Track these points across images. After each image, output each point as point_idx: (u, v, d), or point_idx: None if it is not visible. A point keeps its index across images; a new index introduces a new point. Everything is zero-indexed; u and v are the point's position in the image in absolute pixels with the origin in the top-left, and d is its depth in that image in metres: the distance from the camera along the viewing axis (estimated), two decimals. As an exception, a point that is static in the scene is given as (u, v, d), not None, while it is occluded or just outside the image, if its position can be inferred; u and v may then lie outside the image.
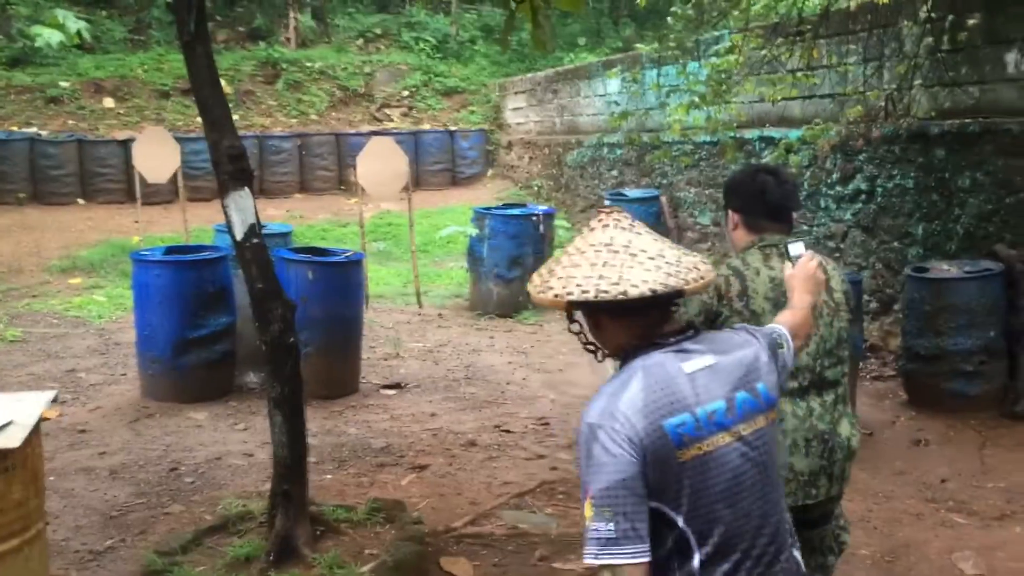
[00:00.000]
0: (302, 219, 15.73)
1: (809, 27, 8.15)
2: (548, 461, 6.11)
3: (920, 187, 7.96)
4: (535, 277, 2.13)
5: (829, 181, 8.94)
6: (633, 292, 1.97)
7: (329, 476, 5.77)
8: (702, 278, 2.04)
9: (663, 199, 12.17)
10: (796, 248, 3.00)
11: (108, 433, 6.55)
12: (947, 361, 6.83)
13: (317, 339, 7.14)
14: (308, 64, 20.24)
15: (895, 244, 8.23)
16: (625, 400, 1.97)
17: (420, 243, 12.89)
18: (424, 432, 6.69)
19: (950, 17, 7.54)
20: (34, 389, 7.02)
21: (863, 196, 8.57)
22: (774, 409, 2.15)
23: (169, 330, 7.24)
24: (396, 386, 7.79)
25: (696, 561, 1.99)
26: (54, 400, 3.80)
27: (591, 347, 2.20)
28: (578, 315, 2.13)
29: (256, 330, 4.54)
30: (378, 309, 10.52)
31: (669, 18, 9.02)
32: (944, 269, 7.08)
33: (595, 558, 1.92)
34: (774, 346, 2.29)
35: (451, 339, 9.48)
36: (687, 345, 2.08)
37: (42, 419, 3.53)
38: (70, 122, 17.68)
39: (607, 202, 12.30)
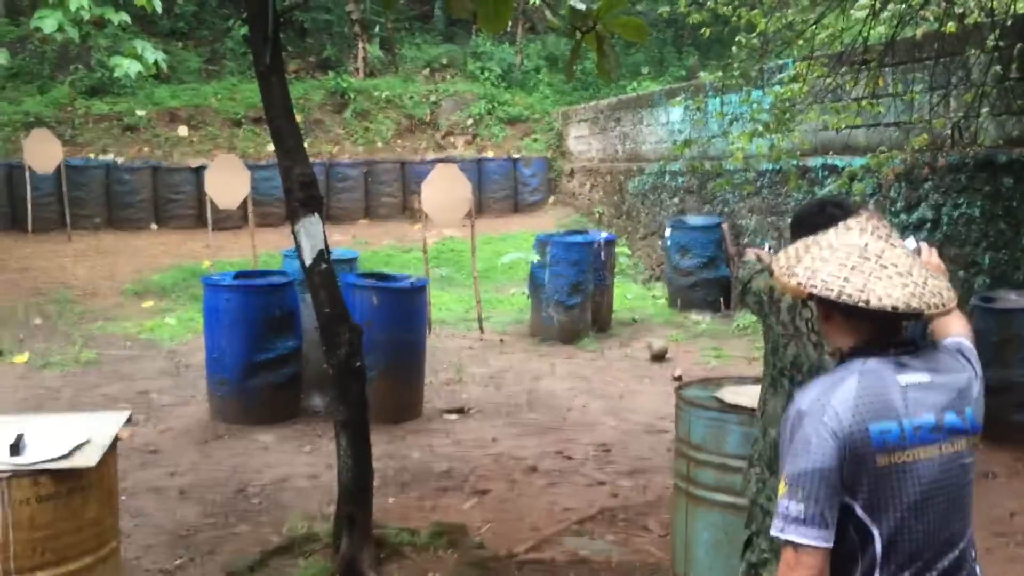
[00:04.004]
0: (367, 245, 15.94)
1: (875, 56, 8.11)
2: (609, 488, 6.13)
3: (987, 216, 7.85)
4: (781, 257, 2.19)
5: (894, 209, 8.85)
6: (875, 303, 2.02)
7: (392, 499, 5.84)
8: (944, 305, 2.07)
9: (725, 227, 12.13)
10: (908, 243, 2.81)
11: (178, 454, 6.71)
12: (1015, 393, 6.70)
13: (381, 363, 7.24)
14: (375, 93, 20.55)
15: (961, 274, 8.12)
16: (838, 396, 2.05)
17: (482, 269, 13.00)
18: (486, 457, 6.74)
19: (1018, 45, 7.45)
20: (107, 410, 7.23)
21: (928, 225, 8.47)
22: (977, 436, 2.18)
23: (238, 353, 7.40)
24: (459, 411, 7.86)
25: (878, 562, 2.06)
26: (128, 420, 3.93)
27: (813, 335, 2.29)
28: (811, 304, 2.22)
29: (323, 354, 4.63)
30: (440, 334, 10.62)
31: (733, 47, 9.02)
32: (1012, 299, 6.96)
33: (780, 532, 2.04)
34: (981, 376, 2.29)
35: (513, 365, 9.54)
36: (906, 359, 2.13)
37: (116, 439, 3.65)
38: (145, 149, 18.15)
39: (666, 228, 12.30)
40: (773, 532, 2.06)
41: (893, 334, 2.15)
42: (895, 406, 2.06)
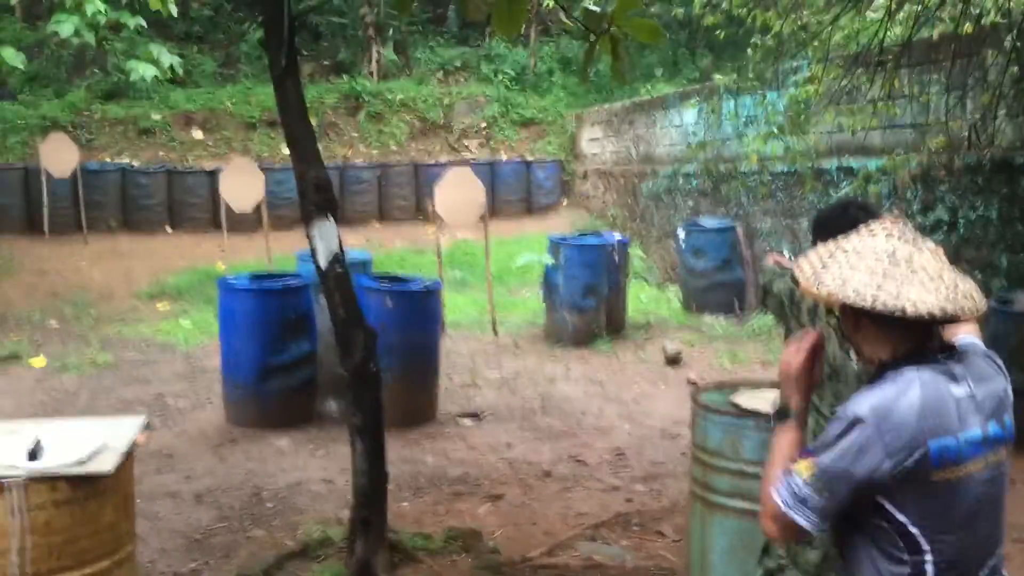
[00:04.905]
0: (381, 247, 15.95)
1: (891, 57, 8.06)
2: (623, 493, 6.11)
3: (1004, 218, 7.80)
4: (804, 265, 2.13)
5: (910, 212, 8.80)
6: (911, 311, 1.98)
7: (406, 504, 5.84)
8: (977, 309, 2.04)
9: (739, 229, 12.08)
10: None
11: (193, 458, 6.72)
12: (1034, 397, 6.65)
13: (395, 367, 7.19)
14: (389, 96, 20.57)
15: (978, 276, 8.05)
16: (903, 407, 2.01)
17: (496, 272, 12.97)
18: (500, 461, 6.73)
19: (1036, 46, 7.40)
20: (124, 413, 7.25)
21: (945, 227, 8.42)
22: (1011, 442, 2.17)
23: (253, 356, 7.41)
24: (473, 415, 7.85)
25: (928, 574, 2.05)
26: (145, 425, 3.94)
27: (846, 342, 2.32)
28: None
29: (338, 358, 4.63)
30: (454, 337, 10.62)
31: (748, 49, 8.99)
32: (1030, 302, 6.92)
33: (785, 505, 2.05)
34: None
35: (526, 368, 9.52)
36: (954, 368, 2.10)
37: (133, 444, 3.65)
38: (161, 153, 18.20)
39: (680, 231, 12.27)
40: (776, 499, 2.06)
41: (929, 340, 2.11)
42: (952, 421, 2.04)
